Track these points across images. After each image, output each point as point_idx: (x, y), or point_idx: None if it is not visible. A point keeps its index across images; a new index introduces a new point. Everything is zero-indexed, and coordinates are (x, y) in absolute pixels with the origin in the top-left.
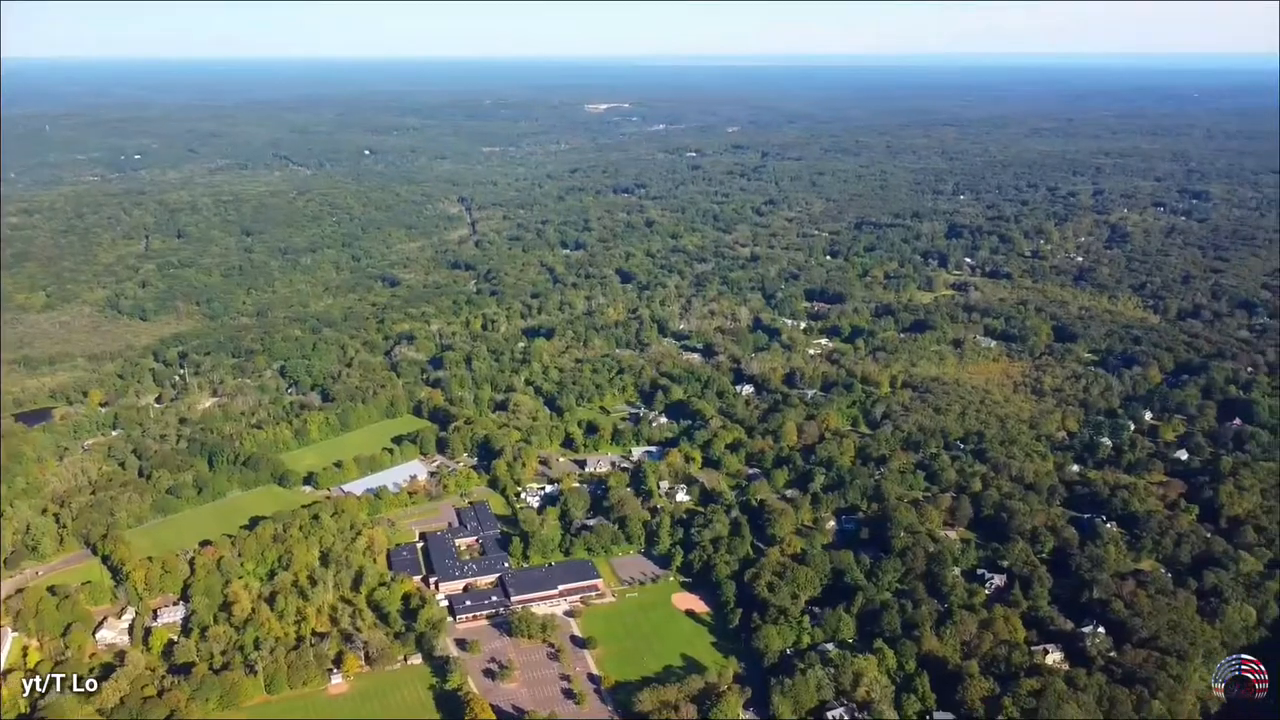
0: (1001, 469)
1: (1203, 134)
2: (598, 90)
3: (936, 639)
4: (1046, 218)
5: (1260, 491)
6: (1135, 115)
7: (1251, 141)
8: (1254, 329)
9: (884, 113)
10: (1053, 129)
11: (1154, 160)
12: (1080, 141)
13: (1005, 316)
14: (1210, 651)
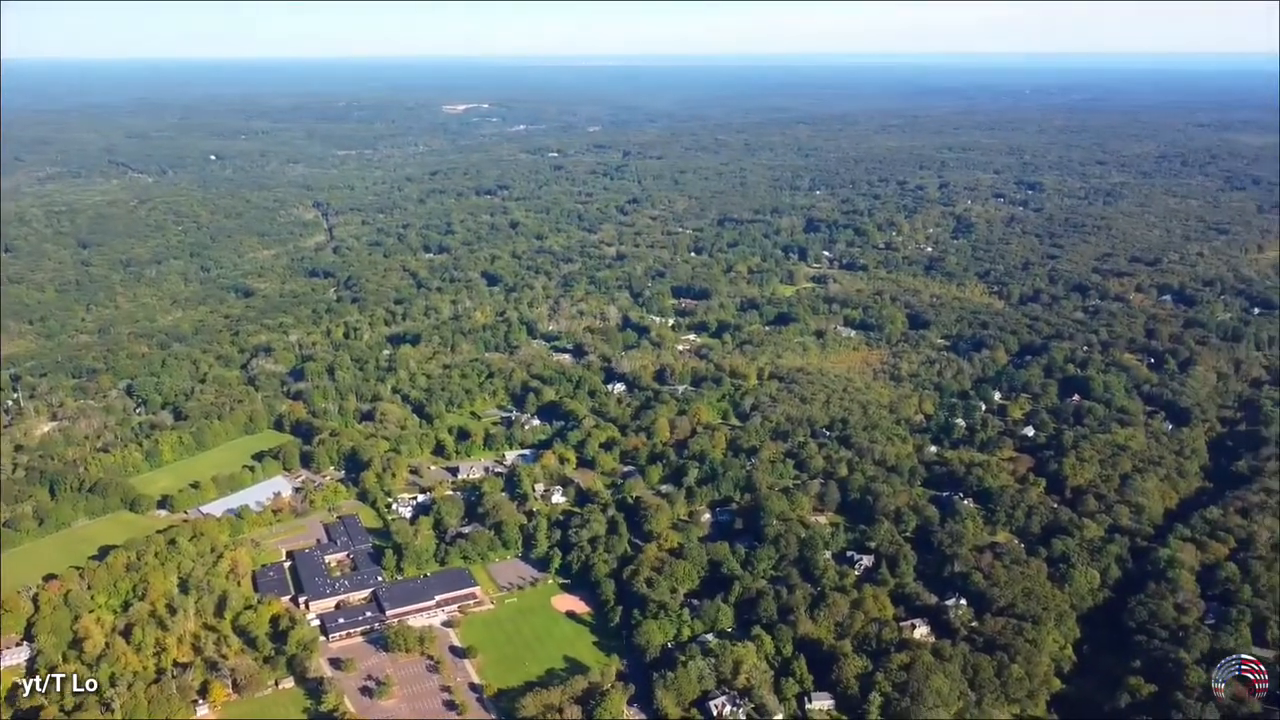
0: (865, 453)
1: (1035, 129)
2: (455, 91)
3: (811, 622)
4: (897, 211)
5: (1099, 462)
6: (974, 111)
7: (1077, 135)
8: (1087, 310)
9: (741, 111)
10: (899, 125)
11: (992, 154)
12: (925, 137)
13: (863, 307)
14: (1061, 615)
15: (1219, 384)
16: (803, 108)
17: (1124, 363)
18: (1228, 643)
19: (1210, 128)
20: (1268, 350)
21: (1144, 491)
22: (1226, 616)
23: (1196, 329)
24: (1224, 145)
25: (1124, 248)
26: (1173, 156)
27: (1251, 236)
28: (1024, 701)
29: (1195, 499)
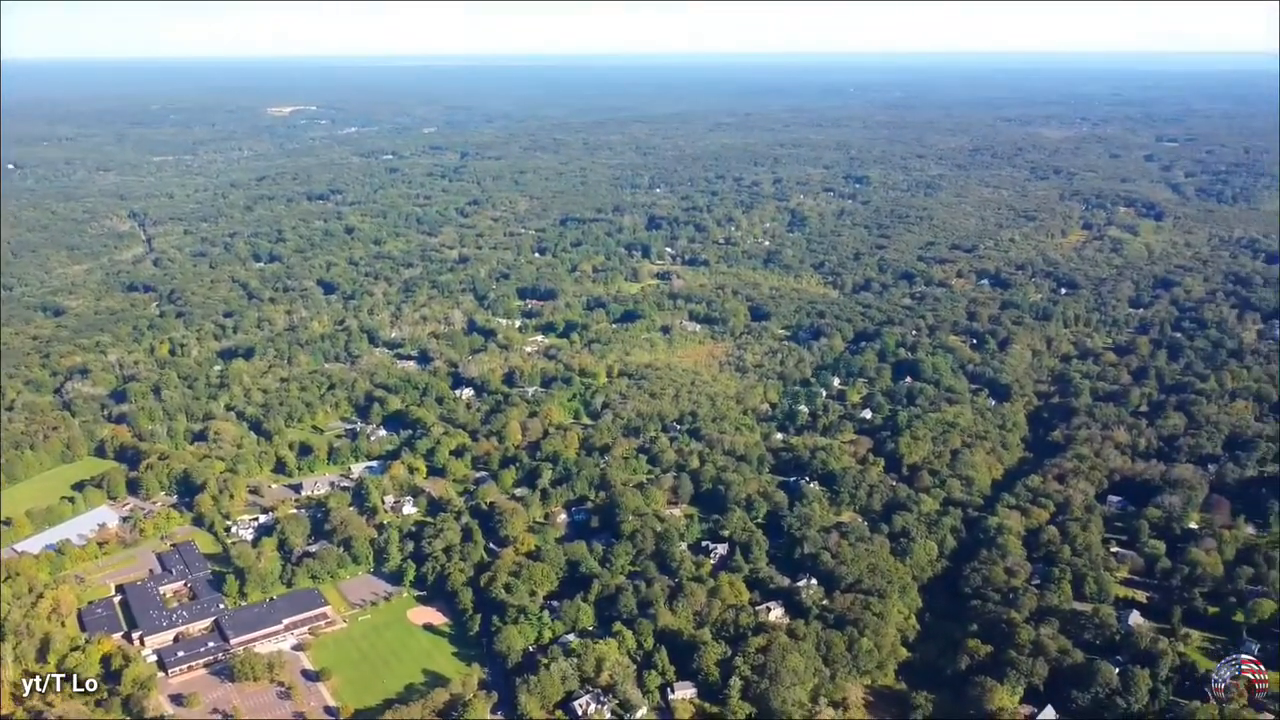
0: (715, 444)
1: (860, 125)
2: (280, 92)
3: (671, 613)
4: (735, 206)
5: (931, 440)
6: (802, 110)
7: (898, 130)
8: (914, 296)
9: (579, 110)
10: (733, 123)
11: (821, 150)
12: (758, 134)
13: (707, 301)
14: (904, 586)
15: (1034, 360)
16: (639, 107)
17: (949, 345)
18: (1052, 600)
19: (1015, 122)
20: (1074, 327)
21: (973, 465)
22: (1050, 576)
23: (1012, 310)
24: (1029, 139)
25: (945, 236)
26: (984, 150)
27: (1056, 222)
28: (874, 672)
29: (1018, 469)
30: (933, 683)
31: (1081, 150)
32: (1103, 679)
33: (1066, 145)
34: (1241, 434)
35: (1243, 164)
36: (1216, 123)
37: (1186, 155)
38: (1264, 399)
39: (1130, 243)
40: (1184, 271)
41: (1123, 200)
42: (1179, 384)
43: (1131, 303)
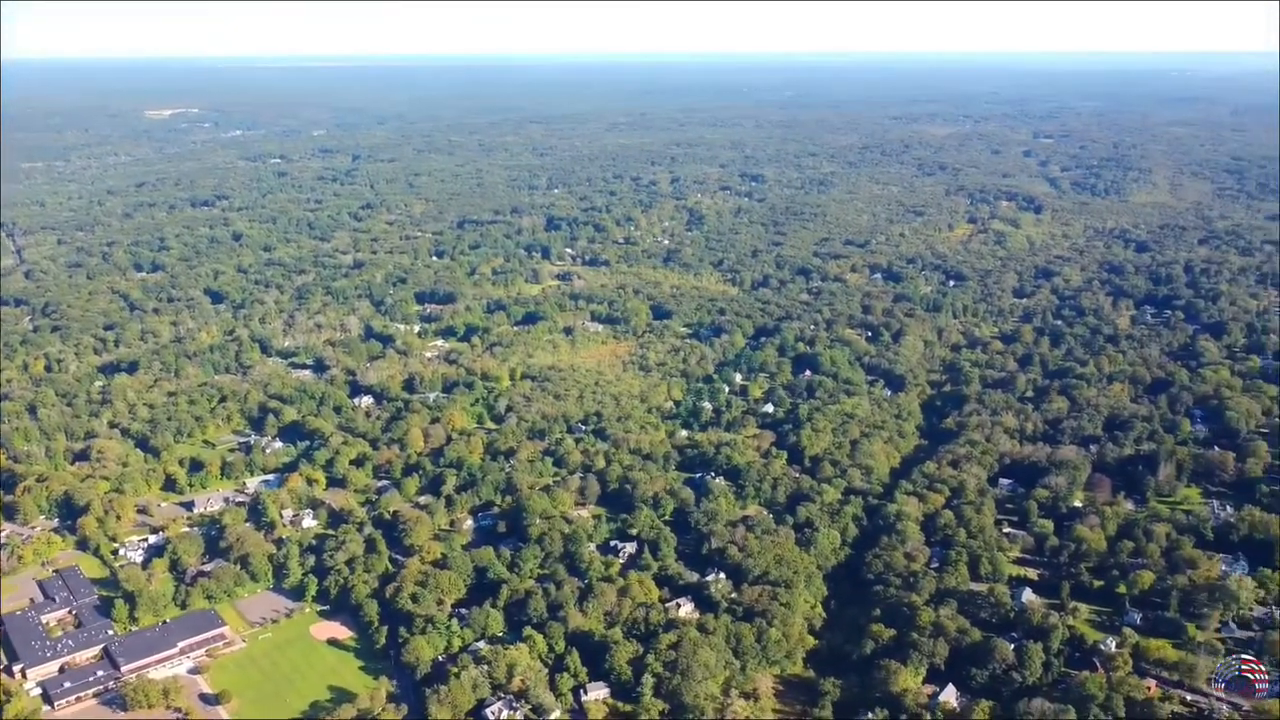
0: (621, 444)
1: (753, 124)
2: (159, 94)
3: (581, 615)
4: (634, 206)
5: (831, 431)
6: (697, 109)
7: (791, 129)
8: (811, 291)
9: (474, 111)
10: (629, 123)
11: (717, 149)
12: (654, 134)
13: (608, 301)
14: (810, 576)
15: (926, 351)
16: (535, 107)
17: (846, 338)
18: (950, 582)
19: (902, 120)
20: (963, 318)
21: (872, 454)
22: (948, 558)
23: (904, 303)
24: (915, 136)
25: (838, 232)
26: (873, 147)
27: (943, 217)
28: (783, 662)
29: (914, 456)
30: (840, 668)
31: (965, 147)
32: (999, 656)
33: (951, 142)
34: (1119, 415)
35: (1113, 159)
36: (1088, 119)
37: (1062, 151)
38: (1139, 381)
39: (1012, 235)
40: (1063, 262)
41: (1004, 194)
42: (1061, 369)
43: (1015, 293)
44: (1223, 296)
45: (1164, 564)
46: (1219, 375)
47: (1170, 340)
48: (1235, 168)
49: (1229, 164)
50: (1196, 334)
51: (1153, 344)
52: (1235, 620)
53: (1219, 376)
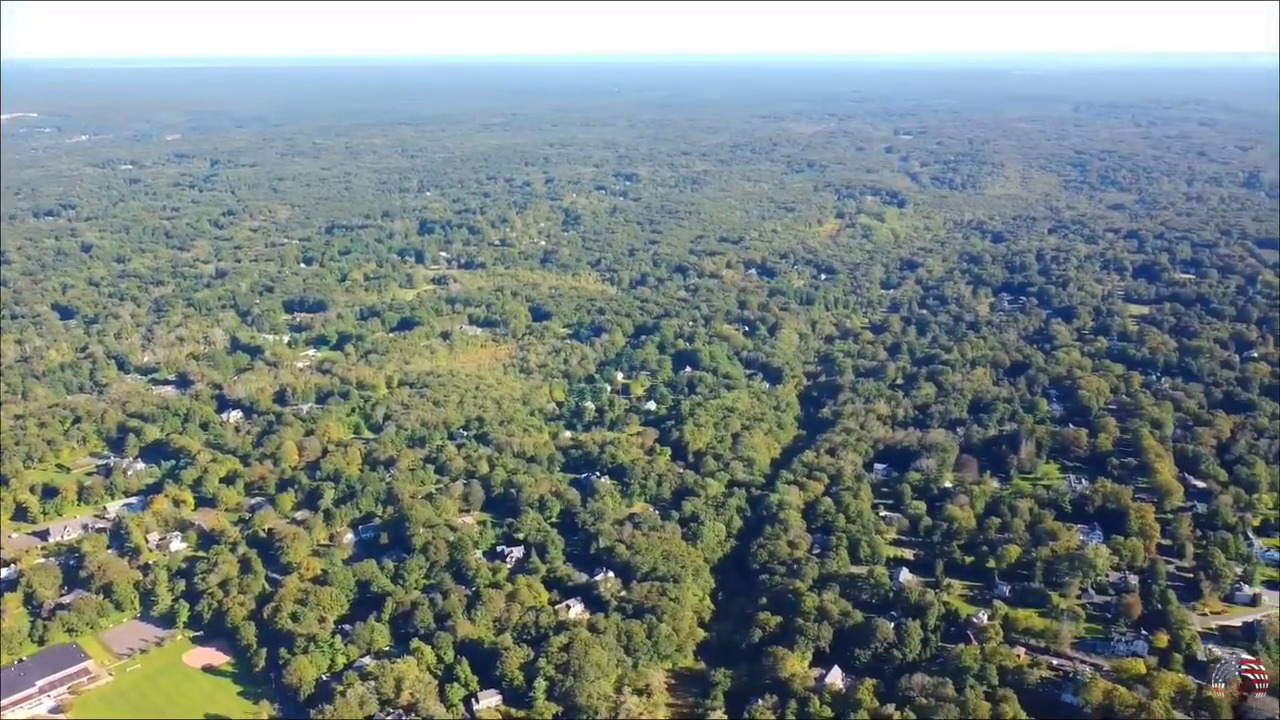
0: (504, 448)
1: (626, 124)
2: None
3: (470, 623)
4: (509, 207)
5: (713, 425)
6: (570, 109)
7: (663, 129)
8: (689, 288)
9: (339, 113)
10: (501, 124)
11: (591, 149)
12: (527, 134)
13: (486, 304)
14: (697, 569)
15: (801, 343)
16: (403, 108)
17: (724, 333)
18: (832, 567)
19: (770, 119)
20: (834, 310)
21: (753, 446)
22: (829, 544)
23: (779, 297)
24: (783, 134)
25: (713, 229)
26: (743, 145)
27: (812, 212)
28: (674, 656)
29: (794, 446)
30: (730, 658)
31: (830, 144)
32: (881, 635)
33: (817, 139)
34: (983, 398)
35: (968, 153)
36: (944, 117)
37: (921, 147)
38: (999, 365)
39: (878, 229)
40: (925, 253)
41: (869, 190)
42: (928, 356)
43: (883, 284)
44: (1071, 282)
45: (1028, 537)
46: (1071, 357)
47: (1026, 325)
48: (1078, 161)
49: (1073, 157)
50: (1049, 318)
51: (1010, 329)
52: (1094, 586)
53: (1071, 358)
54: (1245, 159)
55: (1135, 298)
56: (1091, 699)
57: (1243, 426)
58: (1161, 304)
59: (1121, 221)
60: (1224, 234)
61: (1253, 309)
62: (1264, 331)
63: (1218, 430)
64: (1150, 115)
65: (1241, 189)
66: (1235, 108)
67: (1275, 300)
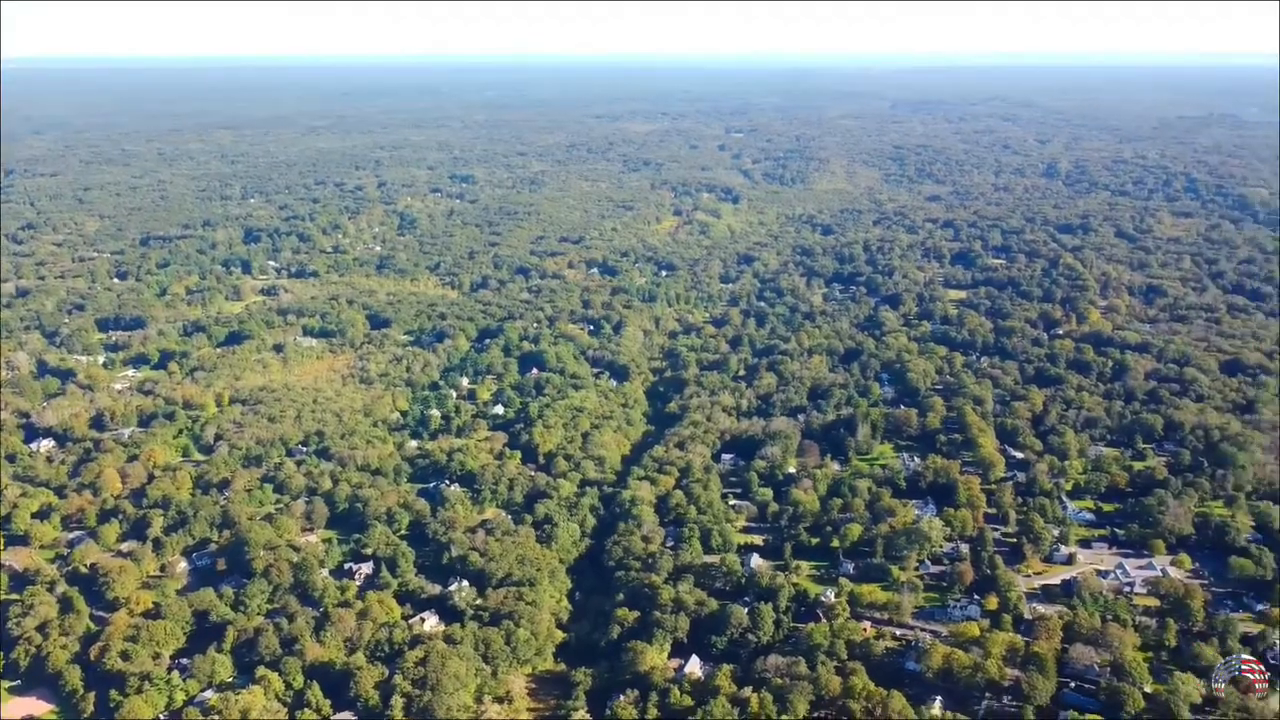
0: (347, 462)
1: (459, 125)
2: None
3: (319, 645)
4: (340, 213)
5: (562, 426)
6: (399, 110)
7: (498, 129)
8: (531, 290)
9: (149, 117)
10: (328, 126)
11: (424, 151)
12: (356, 137)
13: (321, 314)
14: (553, 571)
15: (645, 340)
16: (221, 112)
17: (569, 333)
18: (686, 558)
19: (605, 118)
20: (676, 306)
21: (603, 444)
22: (681, 536)
23: (622, 295)
24: (618, 133)
25: (553, 230)
26: (580, 145)
27: (650, 210)
28: (534, 660)
29: (643, 442)
30: (590, 657)
31: (665, 142)
32: (735, 621)
33: (652, 138)
34: (820, 384)
35: (796, 150)
36: (772, 115)
37: (752, 144)
38: (834, 353)
39: (715, 225)
40: (761, 247)
41: (705, 187)
42: (768, 347)
43: (722, 279)
44: (896, 271)
45: (868, 515)
46: (899, 341)
47: (857, 313)
48: (897, 155)
49: (892, 152)
50: (878, 306)
51: (843, 318)
52: (929, 558)
53: (899, 343)
54: (1044, 151)
55: (954, 283)
56: (932, 664)
57: (1053, 399)
58: (977, 288)
59: (938, 212)
60: (1029, 221)
61: (1056, 290)
62: (1067, 311)
63: (1032, 404)
64: (960, 112)
65: (1042, 179)
66: (1033, 104)
67: (1075, 281)
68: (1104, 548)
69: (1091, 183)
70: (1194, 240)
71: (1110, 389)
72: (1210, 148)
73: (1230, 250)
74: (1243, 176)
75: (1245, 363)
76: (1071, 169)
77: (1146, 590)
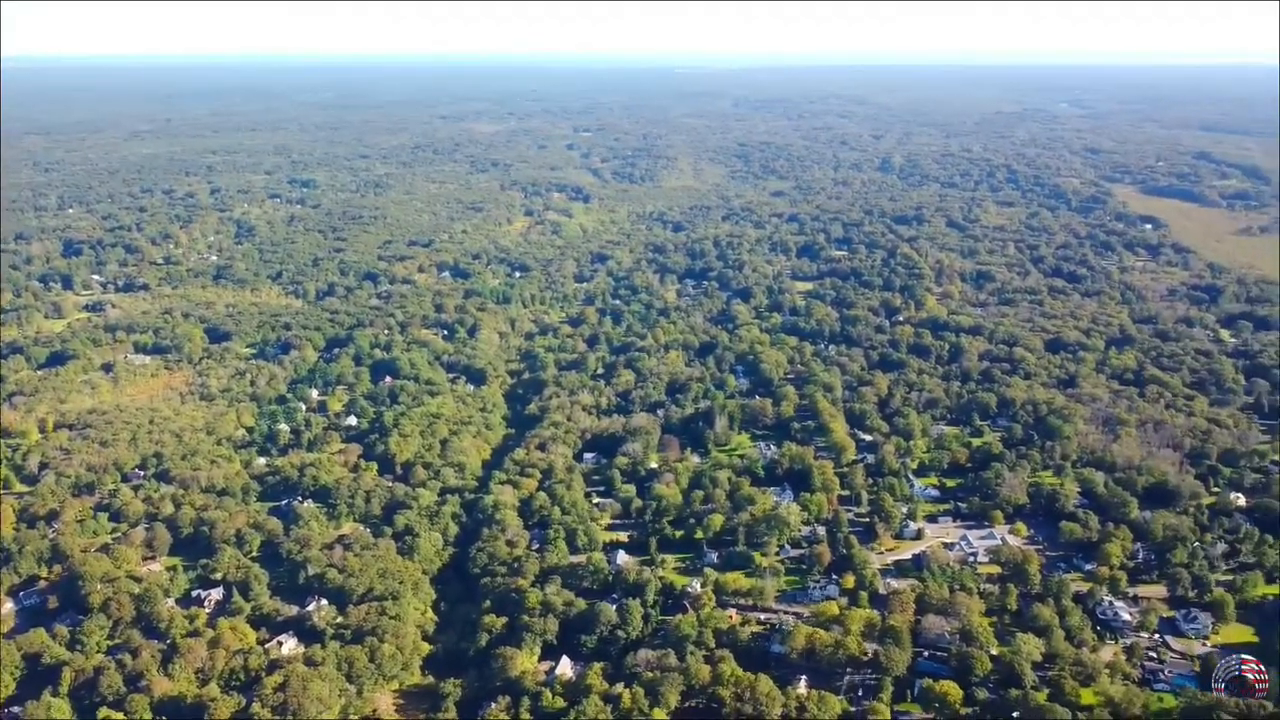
0: (190, 484)
1: (297, 127)
2: None
3: (168, 680)
4: (170, 221)
5: (420, 434)
6: (231, 113)
7: (338, 132)
8: (381, 296)
9: None
10: (152, 130)
11: (260, 155)
12: (185, 142)
13: (154, 329)
14: (416, 583)
15: (502, 342)
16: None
17: (422, 339)
18: (552, 560)
19: (450, 119)
20: (532, 306)
21: (463, 450)
22: (546, 538)
23: (475, 298)
24: (464, 134)
25: (401, 233)
26: (425, 147)
27: (501, 211)
28: (401, 675)
29: (504, 446)
30: (458, 667)
31: (513, 143)
32: (604, 619)
33: (499, 139)
34: (678, 379)
35: (643, 149)
36: (619, 114)
37: (600, 143)
38: (690, 347)
39: (567, 224)
40: (614, 246)
41: (555, 187)
42: (624, 345)
43: (576, 278)
44: (746, 265)
45: (729, 505)
46: (752, 334)
47: (710, 308)
48: (741, 152)
49: (737, 149)
50: (730, 300)
51: (697, 313)
52: (789, 542)
53: (752, 335)
54: (879, 146)
55: (801, 275)
56: (796, 645)
57: (897, 382)
58: (823, 279)
59: (783, 206)
60: (867, 213)
61: (895, 279)
62: (906, 298)
63: (877, 388)
64: (799, 109)
65: (877, 173)
66: (867, 100)
67: (913, 270)
68: (949, 521)
69: (923, 176)
70: (1017, 228)
71: (948, 370)
72: (1027, 141)
73: (1049, 236)
74: (1056, 167)
75: (1066, 340)
76: (904, 163)
77: (989, 559)
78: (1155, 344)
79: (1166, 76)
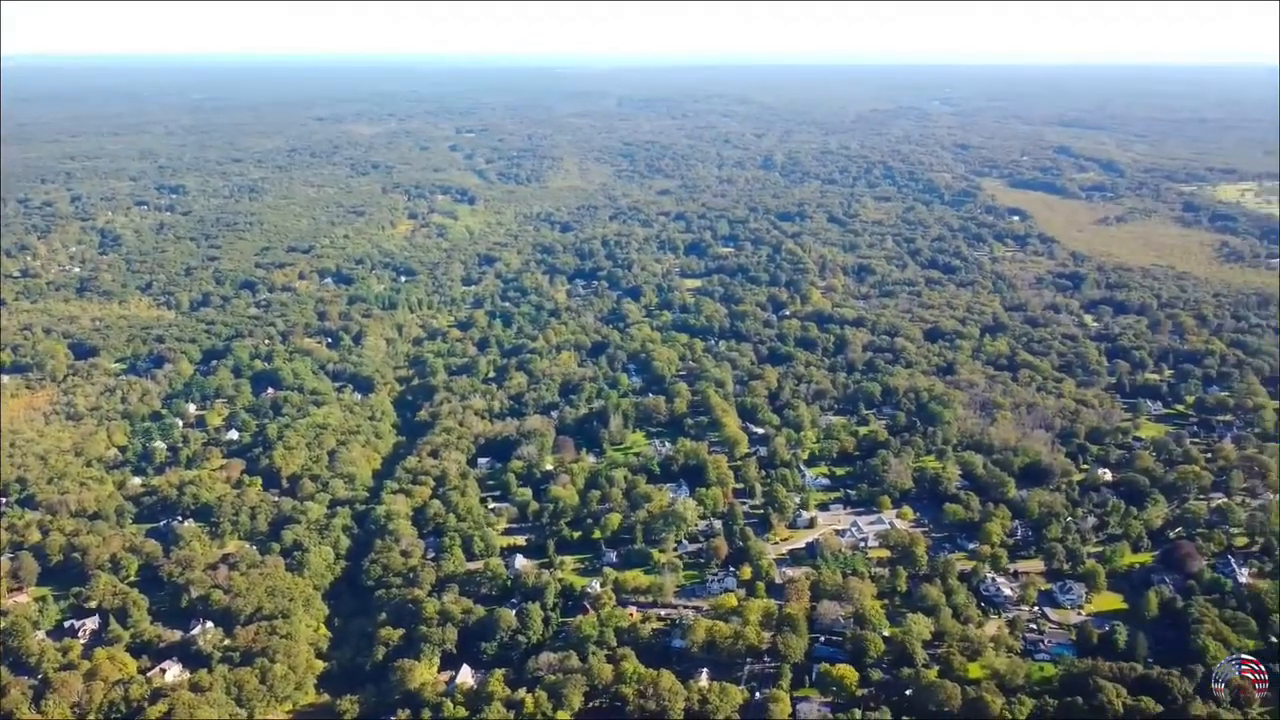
0: (58, 509)
1: (163, 130)
2: None
3: (41, 717)
4: (27, 232)
5: (306, 446)
6: (88, 116)
7: (208, 135)
8: (260, 305)
9: None
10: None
11: (124, 160)
12: (39, 147)
13: (12, 347)
14: (308, 600)
15: (389, 349)
16: None
17: (305, 348)
18: (449, 568)
19: (328, 121)
20: (419, 311)
21: (351, 461)
22: (442, 546)
23: (359, 304)
24: (343, 136)
25: (279, 240)
26: (302, 149)
27: (384, 215)
28: (294, 695)
29: (395, 454)
30: (355, 682)
31: (394, 144)
32: (504, 624)
33: (379, 140)
34: (571, 380)
35: (529, 149)
36: (502, 114)
37: (484, 144)
38: (582, 347)
39: (452, 227)
40: (501, 247)
41: (439, 189)
42: (516, 347)
43: (464, 281)
44: (635, 264)
45: (626, 504)
46: (643, 332)
47: (601, 307)
48: (627, 152)
49: (622, 149)
50: (620, 299)
51: (588, 313)
52: (686, 537)
53: (643, 333)
54: (760, 144)
55: (689, 273)
56: (696, 639)
57: (786, 375)
58: (711, 276)
59: (670, 205)
60: (752, 210)
61: (781, 274)
62: (792, 292)
63: (767, 382)
64: (683, 109)
65: (760, 170)
66: (749, 99)
67: (797, 265)
68: (840, 509)
69: (804, 173)
70: (894, 222)
71: (834, 362)
72: (901, 138)
73: (924, 230)
74: (930, 164)
75: (943, 330)
76: (786, 161)
77: (878, 543)
78: (1025, 330)
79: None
